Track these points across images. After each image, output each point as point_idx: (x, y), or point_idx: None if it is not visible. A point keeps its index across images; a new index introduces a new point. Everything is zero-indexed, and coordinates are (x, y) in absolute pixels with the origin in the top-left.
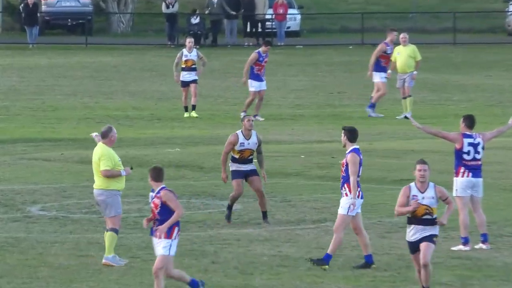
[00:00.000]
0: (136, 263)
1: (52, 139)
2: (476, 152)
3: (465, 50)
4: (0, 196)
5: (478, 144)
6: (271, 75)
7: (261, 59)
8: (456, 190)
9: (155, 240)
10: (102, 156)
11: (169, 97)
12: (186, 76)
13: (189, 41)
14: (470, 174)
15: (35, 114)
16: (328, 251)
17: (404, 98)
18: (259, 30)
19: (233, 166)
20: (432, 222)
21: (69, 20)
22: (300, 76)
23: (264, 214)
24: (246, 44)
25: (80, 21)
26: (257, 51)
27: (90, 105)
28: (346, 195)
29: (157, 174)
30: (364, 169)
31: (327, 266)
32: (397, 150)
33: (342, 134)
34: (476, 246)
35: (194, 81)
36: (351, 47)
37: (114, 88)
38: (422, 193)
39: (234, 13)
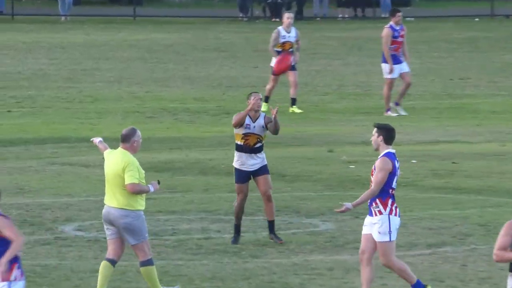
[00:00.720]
0: None
1: (90, 138)
2: None
3: None
4: (26, 212)
5: None
6: (373, 57)
7: (396, 34)
8: None
9: None
10: (128, 165)
11: (240, 84)
12: None
13: (288, 16)
14: None
15: (69, 106)
16: None
17: None
18: None
19: (236, 163)
20: None
21: None
22: (410, 57)
23: (271, 225)
24: (340, 16)
25: None
26: (388, 25)
27: (139, 95)
28: (380, 212)
29: None
30: (495, 178)
31: None
32: None
33: (375, 133)
34: None
35: (293, 68)
36: (477, 19)
37: (170, 73)
38: None
39: None
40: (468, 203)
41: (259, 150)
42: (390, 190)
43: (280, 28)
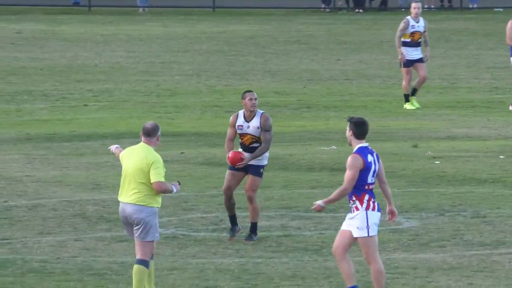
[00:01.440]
0: None
1: (168, 133)
2: None
3: None
4: (102, 208)
5: None
6: (459, 49)
7: None
8: None
9: None
10: (155, 162)
11: (321, 77)
12: (412, 53)
13: (415, 6)
14: None
15: (146, 100)
16: None
17: None
18: None
19: None
20: None
21: None
22: (499, 50)
23: (252, 227)
24: (426, 7)
25: None
26: None
27: (218, 89)
28: (357, 208)
29: None
30: None
31: None
32: None
33: (347, 128)
34: None
35: (421, 60)
36: None
37: (250, 66)
38: None
39: None
40: None
41: (255, 150)
42: (366, 186)
43: (409, 17)
